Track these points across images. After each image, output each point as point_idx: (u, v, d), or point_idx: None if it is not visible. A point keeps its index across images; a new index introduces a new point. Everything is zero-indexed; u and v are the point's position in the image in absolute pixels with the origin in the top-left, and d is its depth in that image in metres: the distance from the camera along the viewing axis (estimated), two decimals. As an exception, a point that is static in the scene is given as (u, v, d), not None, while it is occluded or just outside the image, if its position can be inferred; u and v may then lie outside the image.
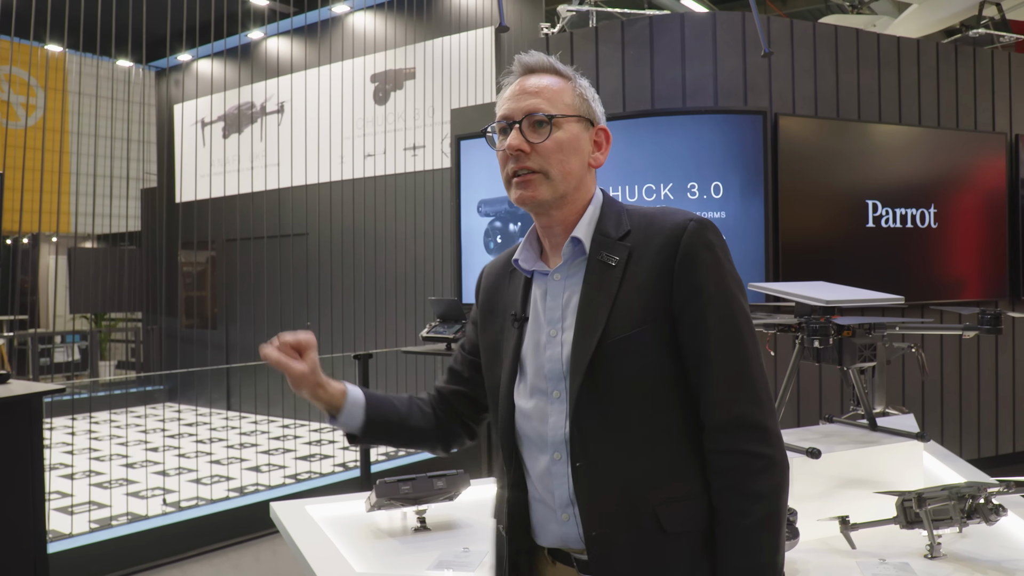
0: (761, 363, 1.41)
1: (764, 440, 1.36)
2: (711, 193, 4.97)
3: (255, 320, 10.34)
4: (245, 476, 6.87)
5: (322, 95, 9.85)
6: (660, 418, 1.41)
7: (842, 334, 2.52)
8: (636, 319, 1.40)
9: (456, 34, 8.76)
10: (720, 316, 1.38)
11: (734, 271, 1.42)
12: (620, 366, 1.41)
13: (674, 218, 1.44)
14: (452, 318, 5.51)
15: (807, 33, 5.54)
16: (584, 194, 1.52)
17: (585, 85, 1.56)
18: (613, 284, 1.44)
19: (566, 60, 4.90)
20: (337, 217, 9.60)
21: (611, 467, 1.41)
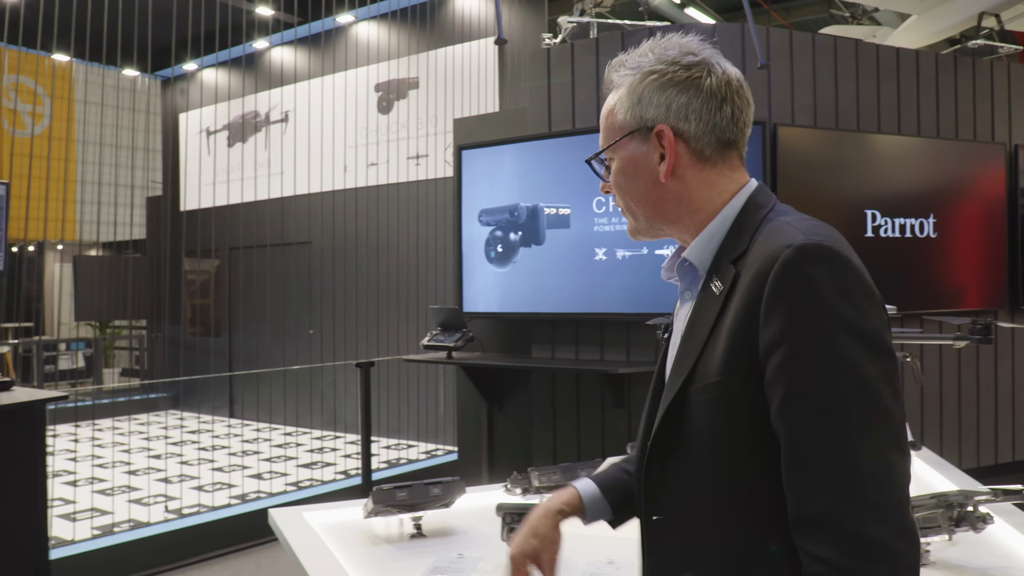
0: (878, 442, 1.05)
1: (851, 551, 1.02)
2: (710, 203, 5.00)
3: (258, 328, 10.38)
4: (247, 483, 6.90)
5: (326, 104, 9.91)
6: (739, 490, 1.16)
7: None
8: (719, 367, 1.16)
9: (459, 44, 8.81)
10: (803, 381, 1.07)
11: (856, 311, 1.06)
12: (700, 417, 1.19)
13: (780, 238, 1.13)
14: (453, 327, 5.54)
15: (806, 44, 5.58)
16: (698, 206, 1.27)
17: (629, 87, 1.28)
18: (711, 318, 1.20)
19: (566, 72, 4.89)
20: (340, 226, 9.65)
21: (683, 527, 1.24)
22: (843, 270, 1.08)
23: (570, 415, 5.50)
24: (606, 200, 5.17)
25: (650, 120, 1.26)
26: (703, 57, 1.26)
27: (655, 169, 1.26)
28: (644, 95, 1.26)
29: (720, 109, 1.25)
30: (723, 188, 1.27)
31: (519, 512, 2.15)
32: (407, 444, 8.64)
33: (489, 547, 2.30)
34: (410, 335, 8.73)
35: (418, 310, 8.70)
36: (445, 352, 5.53)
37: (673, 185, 1.26)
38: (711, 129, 1.25)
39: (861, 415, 1.05)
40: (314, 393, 9.37)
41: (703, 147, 1.25)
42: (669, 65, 1.25)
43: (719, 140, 1.26)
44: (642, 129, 1.26)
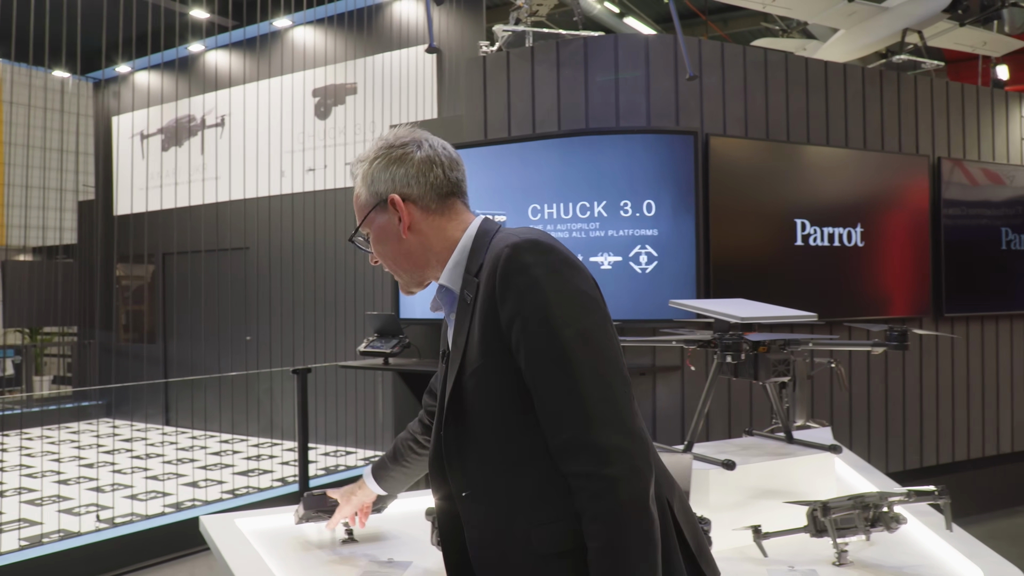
0: (599, 375, 1.36)
1: (596, 460, 1.33)
2: (643, 211, 5.09)
3: (194, 334, 10.22)
4: (182, 492, 6.80)
5: (263, 109, 9.82)
6: (516, 445, 1.44)
7: (757, 350, 2.63)
8: (479, 352, 1.45)
9: (398, 50, 8.82)
10: (536, 340, 1.37)
11: (565, 282, 1.39)
12: (474, 399, 1.47)
13: (500, 244, 1.44)
14: (389, 333, 5.54)
15: (738, 56, 5.71)
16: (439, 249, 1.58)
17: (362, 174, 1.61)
18: (467, 320, 1.49)
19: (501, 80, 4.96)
20: (277, 231, 9.56)
21: (484, 495, 1.50)
22: (547, 254, 1.40)
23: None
24: (541, 207, 5.22)
25: (383, 194, 1.57)
26: (412, 138, 1.60)
27: (397, 229, 1.57)
28: (373, 176, 1.58)
29: (431, 171, 1.57)
30: (453, 229, 1.58)
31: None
32: (345, 451, 8.60)
33: (419, 551, 2.32)
34: (348, 341, 8.69)
35: (356, 316, 8.66)
36: (382, 358, 5.53)
37: (413, 238, 1.58)
38: (430, 188, 1.57)
39: (584, 354, 1.35)
40: (251, 400, 9.26)
41: (428, 203, 1.57)
42: (386, 149, 1.59)
43: (439, 194, 1.58)
44: (380, 203, 1.58)
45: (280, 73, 9.79)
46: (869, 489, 2.79)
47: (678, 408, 5.35)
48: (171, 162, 10.91)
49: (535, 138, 5.31)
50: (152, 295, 11.22)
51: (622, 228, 5.09)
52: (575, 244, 5.14)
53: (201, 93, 10.62)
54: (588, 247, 5.13)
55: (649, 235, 5.07)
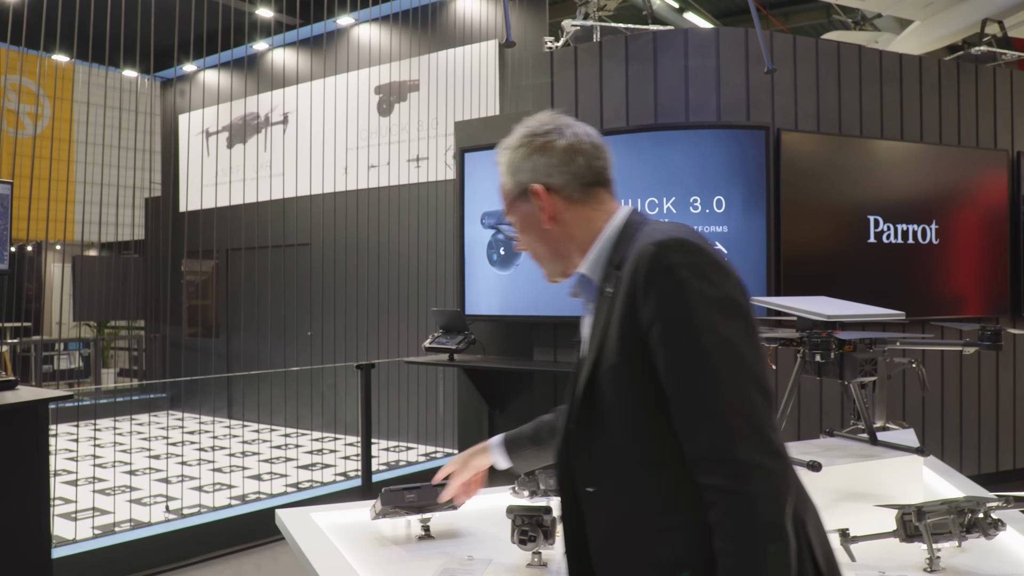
0: (741, 386, 1.30)
1: (732, 474, 1.27)
2: (713, 207, 5.00)
3: (258, 329, 10.37)
4: (247, 484, 6.89)
5: (327, 106, 9.90)
6: (648, 448, 1.40)
7: (843, 349, 2.55)
8: (616, 349, 1.40)
9: (460, 47, 8.82)
10: (676, 345, 1.32)
11: (712, 285, 1.33)
12: (607, 397, 1.43)
13: (643, 241, 1.40)
14: (454, 329, 5.54)
15: (810, 49, 5.59)
16: (581, 240, 1.55)
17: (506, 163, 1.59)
18: (605, 314, 1.44)
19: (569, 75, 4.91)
20: (340, 227, 9.64)
21: (612, 495, 1.46)
22: (695, 255, 1.34)
23: (572, 418, 5.49)
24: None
25: (525, 183, 1.55)
26: (553, 126, 1.56)
27: (540, 219, 1.55)
28: (516, 165, 1.57)
29: (573, 160, 1.54)
30: (597, 219, 1.55)
31: (529, 515, 2.16)
32: (406, 446, 8.64)
33: (499, 549, 2.29)
34: (410, 337, 8.72)
35: (419, 312, 8.69)
36: (447, 354, 5.53)
37: (556, 228, 1.55)
38: (572, 178, 1.54)
39: (726, 363, 1.30)
40: (314, 394, 9.36)
41: (571, 192, 1.54)
42: (527, 138, 1.56)
43: (581, 184, 1.55)
44: (522, 192, 1.56)
45: (343, 71, 9.87)
46: (956, 494, 2.70)
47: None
48: (236, 159, 11.08)
49: (604, 133, 5.23)
50: (217, 290, 11.41)
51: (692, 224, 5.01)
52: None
53: (266, 91, 10.76)
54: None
55: (719, 232, 4.99)
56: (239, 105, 11.06)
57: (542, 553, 2.20)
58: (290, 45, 10.60)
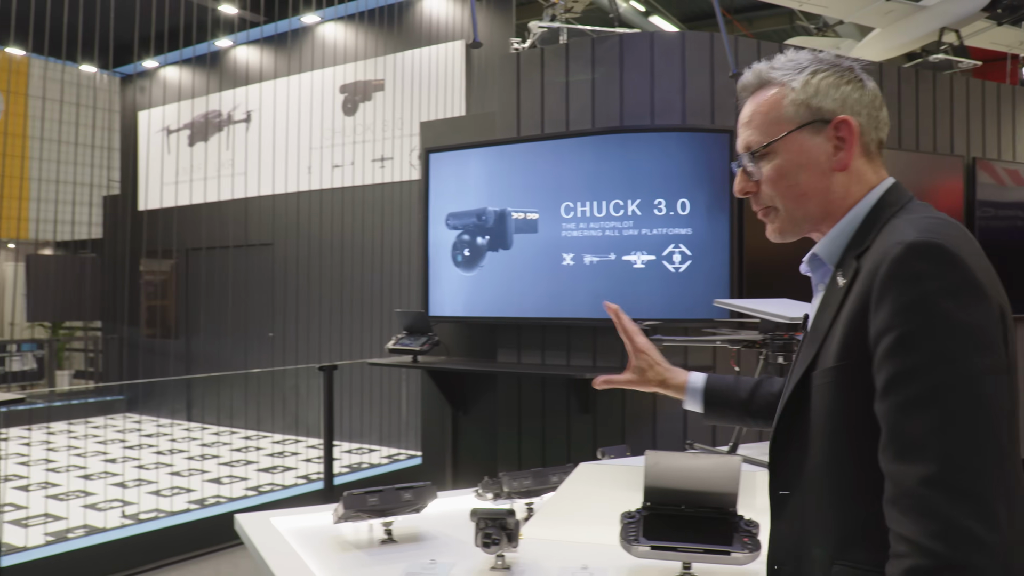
0: (980, 435, 1.06)
1: (935, 533, 1.04)
2: (678, 210, 5.02)
3: (218, 330, 10.24)
4: (206, 488, 6.79)
5: (290, 105, 9.81)
6: (852, 471, 1.22)
7: (806, 350, 2.56)
8: (836, 354, 1.23)
9: (427, 47, 8.78)
10: (905, 368, 1.10)
11: (961, 307, 1.10)
12: (818, 402, 1.26)
13: (895, 235, 1.19)
14: (418, 330, 5.50)
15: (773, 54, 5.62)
16: (838, 203, 1.33)
17: (800, 83, 1.32)
18: (834, 308, 1.26)
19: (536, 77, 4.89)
20: (303, 227, 9.55)
21: (798, 505, 1.31)
22: (948, 266, 1.11)
23: (535, 420, 5.48)
24: (574, 205, 5.16)
25: (828, 112, 1.31)
26: (853, 63, 1.35)
27: (827, 160, 1.32)
28: (820, 89, 1.31)
29: (880, 109, 1.34)
30: (867, 183, 1.34)
31: (493, 518, 2.13)
32: (368, 448, 8.57)
33: (462, 553, 2.27)
34: (374, 339, 8.66)
35: (382, 313, 8.63)
36: (410, 356, 5.49)
37: (841, 177, 1.32)
38: (875, 127, 1.34)
39: (958, 406, 1.07)
40: (275, 396, 9.26)
41: (868, 142, 1.34)
42: (834, 67, 1.33)
43: (878, 138, 1.35)
44: (818, 122, 1.31)
45: (308, 69, 9.79)
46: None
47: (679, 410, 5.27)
48: (198, 157, 10.94)
49: (569, 135, 5.25)
50: (176, 290, 11.25)
51: (656, 227, 5.02)
52: (608, 243, 5.08)
53: (229, 88, 10.63)
54: (621, 245, 5.07)
55: (683, 234, 5.00)
56: (201, 103, 10.92)
57: (505, 556, 2.18)
58: (254, 42, 10.49)
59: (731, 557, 2.06)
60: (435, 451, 6.06)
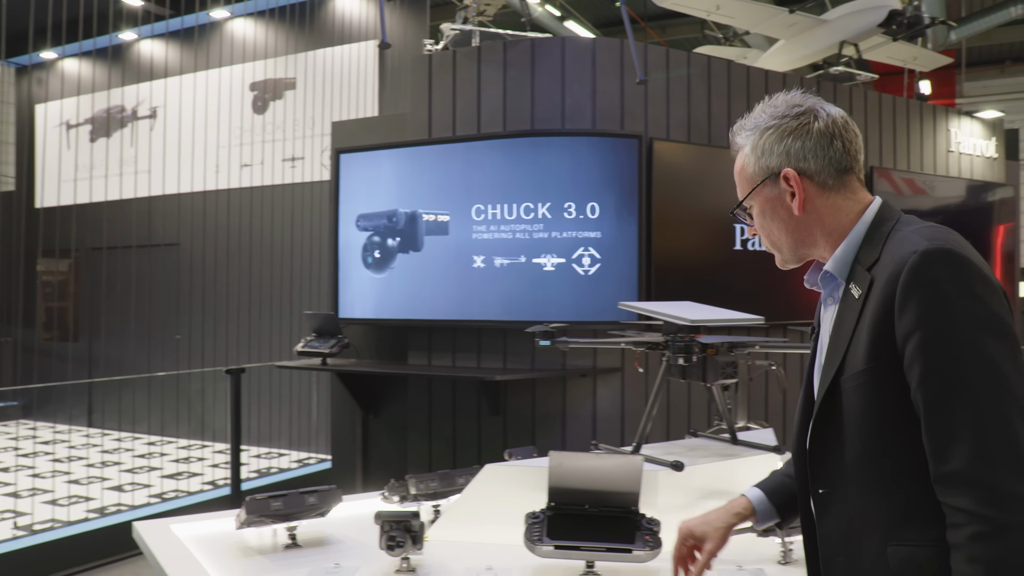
0: (1003, 409, 1.24)
1: (986, 500, 1.21)
2: (587, 213, 5.08)
3: (121, 333, 9.91)
4: (106, 496, 6.57)
5: (198, 102, 9.58)
6: (889, 461, 1.36)
7: (706, 352, 2.63)
8: (864, 356, 1.36)
9: (339, 46, 8.68)
10: (934, 362, 1.27)
11: (977, 302, 1.27)
12: (850, 403, 1.39)
13: (907, 245, 1.34)
14: (328, 332, 5.44)
15: (681, 62, 5.75)
16: (831, 228, 1.49)
17: (752, 145, 1.53)
18: (854, 317, 1.40)
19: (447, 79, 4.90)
20: (211, 227, 9.33)
21: (845, 500, 1.43)
22: (961, 267, 1.29)
23: (446, 422, 5.48)
24: (485, 208, 5.18)
25: (775, 167, 1.50)
26: (808, 106, 1.50)
27: (788, 206, 1.50)
28: (765, 149, 1.50)
29: (831, 145, 1.47)
30: (849, 209, 1.49)
31: (398, 520, 2.13)
32: (278, 453, 8.43)
33: (367, 556, 2.26)
34: (283, 341, 8.52)
35: (292, 316, 8.50)
36: (319, 358, 5.43)
37: (806, 217, 1.50)
38: (828, 163, 1.47)
39: (986, 386, 1.24)
40: (180, 401, 9.02)
41: (825, 179, 1.48)
42: (780, 119, 1.50)
43: (837, 170, 1.48)
44: (771, 176, 1.50)
45: (217, 65, 9.56)
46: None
47: (618, 409, 5.36)
48: (99, 154, 10.57)
49: (480, 138, 5.27)
50: (76, 291, 10.85)
51: (565, 230, 5.08)
52: (518, 245, 5.12)
53: (133, 83, 10.31)
54: (531, 248, 5.11)
55: (592, 237, 5.07)
56: (103, 97, 10.55)
57: (411, 558, 2.18)
58: (160, 36, 10.19)
59: (633, 555, 2.10)
60: (345, 455, 6.00)
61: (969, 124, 7.70)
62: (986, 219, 7.74)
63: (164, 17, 9.80)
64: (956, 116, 7.59)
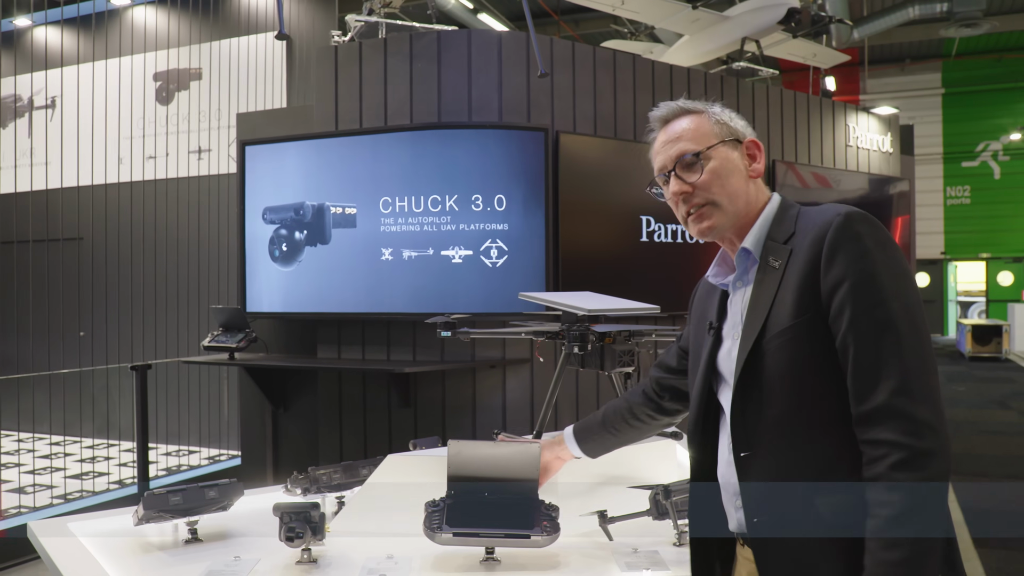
0: (922, 351, 1.40)
1: (909, 431, 1.35)
2: (495, 205, 5.14)
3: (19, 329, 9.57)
4: (6, 499, 6.36)
5: (99, 91, 9.28)
6: (817, 411, 1.47)
7: (604, 341, 2.70)
8: (789, 315, 1.48)
9: (245, 36, 8.53)
10: (864, 306, 1.40)
11: (892, 258, 1.44)
12: (775, 361, 1.49)
13: (825, 214, 1.50)
14: (235, 327, 5.38)
15: (588, 56, 5.85)
16: (753, 207, 1.64)
17: (718, 110, 1.68)
18: (774, 284, 1.53)
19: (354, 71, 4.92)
20: (114, 221, 9.07)
21: (770, 457, 1.51)
22: (878, 228, 1.46)
23: (357, 415, 5.48)
24: (392, 200, 5.19)
25: (740, 134, 1.66)
26: None
27: (745, 169, 1.65)
28: (731, 119, 1.67)
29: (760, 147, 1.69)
30: (763, 196, 1.67)
31: (297, 511, 2.14)
32: (188, 450, 8.27)
33: (267, 548, 2.27)
34: (191, 336, 8.36)
35: (200, 310, 8.34)
36: (227, 353, 5.36)
37: (752, 186, 1.65)
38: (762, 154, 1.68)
39: (908, 328, 1.40)
40: (84, 398, 8.77)
41: (759, 165, 1.68)
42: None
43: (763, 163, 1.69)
44: (734, 140, 1.65)
45: (118, 55, 9.29)
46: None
47: (527, 399, 5.44)
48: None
49: (387, 130, 5.27)
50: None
51: (473, 222, 5.13)
52: (426, 238, 5.14)
53: (29, 72, 9.93)
54: (439, 240, 5.14)
55: (500, 229, 5.13)
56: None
57: (312, 549, 2.19)
58: (55, 23, 9.84)
59: (531, 540, 2.15)
60: (255, 450, 5.94)
61: (866, 120, 8.03)
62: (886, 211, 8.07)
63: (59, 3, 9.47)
64: (854, 112, 7.90)
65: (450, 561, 2.23)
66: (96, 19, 9.45)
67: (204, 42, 8.82)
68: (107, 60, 9.30)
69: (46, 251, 9.15)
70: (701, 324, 1.76)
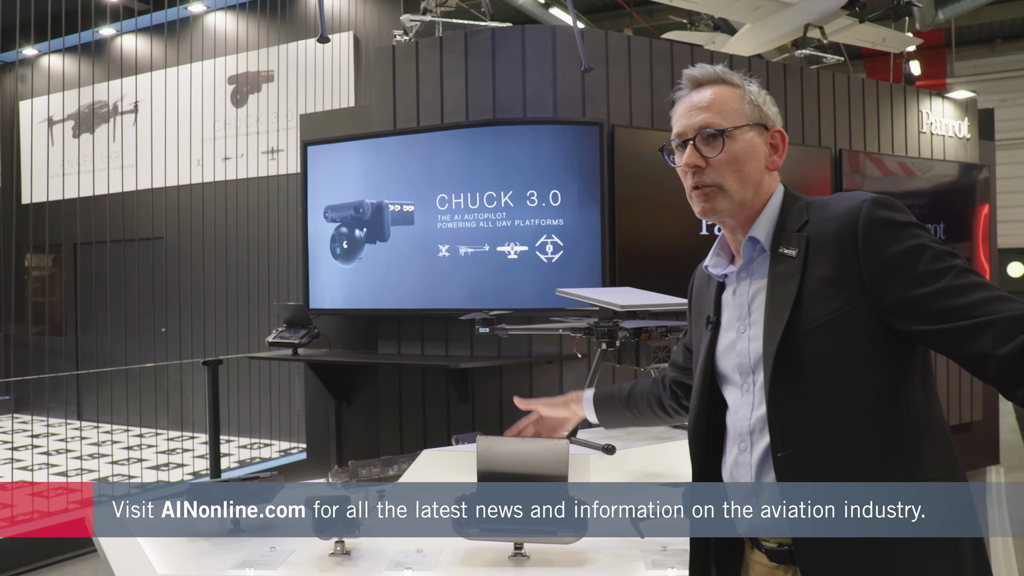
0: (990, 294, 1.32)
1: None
2: (549, 201, 5.15)
3: (107, 326, 9.99)
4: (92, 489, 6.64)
5: (179, 95, 9.62)
6: (863, 402, 1.40)
7: (640, 337, 2.70)
8: (830, 307, 1.41)
9: (314, 38, 8.71)
10: (926, 276, 1.35)
11: (926, 233, 1.40)
12: (816, 355, 1.42)
13: (848, 202, 1.45)
14: (298, 323, 5.52)
15: (644, 48, 5.80)
16: (761, 196, 1.58)
17: (755, 91, 1.60)
18: (795, 274, 1.46)
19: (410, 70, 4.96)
20: (194, 221, 9.39)
21: (813, 454, 1.43)
22: (902, 210, 1.43)
23: (416, 410, 5.56)
24: (448, 197, 5.24)
25: (769, 121, 1.59)
26: None
27: (764, 159, 1.58)
28: (764, 103, 1.60)
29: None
30: (773, 185, 1.60)
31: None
32: (262, 443, 8.51)
33: (304, 540, 2.33)
34: (261, 332, 8.59)
35: (269, 307, 8.57)
36: (291, 349, 5.50)
37: (766, 176, 1.59)
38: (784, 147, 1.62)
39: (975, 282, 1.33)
40: (160, 392, 9.09)
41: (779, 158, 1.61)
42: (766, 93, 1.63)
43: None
44: (761, 126, 1.58)
45: (196, 59, 9.60)
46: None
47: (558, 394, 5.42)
48: (84, 149, 10.63)
49: (443, 128, 5.32)
50: (64, 286, 10.92)
51: (528, 218, 5.15)
52: (482, 234, 5.18)
53: (115, 78, 10.35)
54: (495, 237, 5.17)
55: (555, 225, 5.14)
56: (86, 92, 10.59)
57: (345, 542, 2.25)
58: (140, 31, 10.22)
59: (559, 536, 2.17)
60: (319, 444, 6.08)
61: (941, 105, 7.74)
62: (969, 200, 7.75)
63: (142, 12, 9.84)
64: (927, 97, 7.63)
65: (479, 556, 2.26)
66: (177, 26, 9.78)
67: (275, 45, 9.04)
68: (186, 65, 9.63)
69: (129, 250, 9.52)
70: (699, 319, 1.71)
